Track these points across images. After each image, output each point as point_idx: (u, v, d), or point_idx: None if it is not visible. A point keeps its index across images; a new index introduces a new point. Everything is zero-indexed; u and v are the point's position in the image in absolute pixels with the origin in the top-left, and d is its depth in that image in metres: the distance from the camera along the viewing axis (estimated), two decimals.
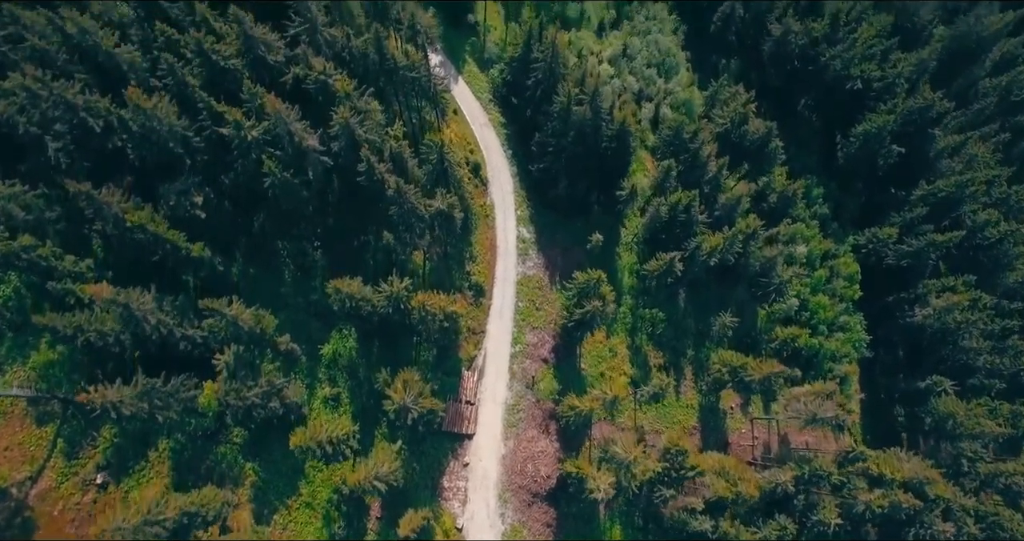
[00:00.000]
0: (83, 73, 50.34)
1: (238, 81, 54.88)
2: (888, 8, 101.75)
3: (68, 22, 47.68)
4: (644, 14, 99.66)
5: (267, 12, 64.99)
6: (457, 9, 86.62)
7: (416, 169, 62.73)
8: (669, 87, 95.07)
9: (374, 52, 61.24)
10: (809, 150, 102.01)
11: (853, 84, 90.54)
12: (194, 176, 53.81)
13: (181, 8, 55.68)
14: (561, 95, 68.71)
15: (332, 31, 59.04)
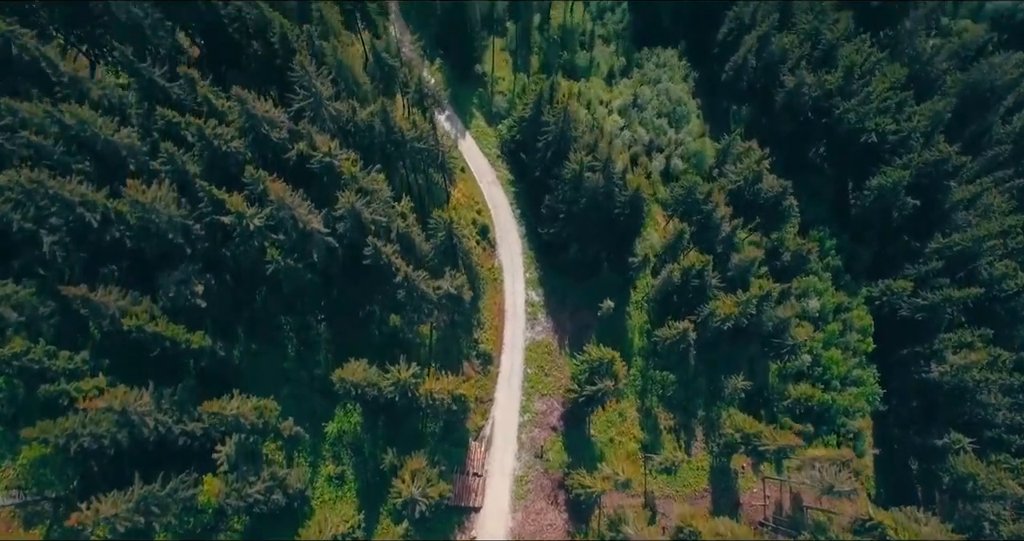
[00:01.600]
0: (81, 162, 48.38)
1: (240, 164, 53.03)
2: (900, 55, 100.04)
3: (66, 114, 45.76)
4: (654, 61, 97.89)
5: (270, 81, 63.82)
6: (464, 60, 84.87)
7: (424, 243, 60.82)
8: (680, 137, 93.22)
9: (380, 124, 59.43)
10: (821, 199, 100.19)
11: (868, 137, 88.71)
12: (194, 263, 51.80)
13: (182, 87, 53.79)
14: (573, 162, 66.83)
15: (337, 105, 57.20)
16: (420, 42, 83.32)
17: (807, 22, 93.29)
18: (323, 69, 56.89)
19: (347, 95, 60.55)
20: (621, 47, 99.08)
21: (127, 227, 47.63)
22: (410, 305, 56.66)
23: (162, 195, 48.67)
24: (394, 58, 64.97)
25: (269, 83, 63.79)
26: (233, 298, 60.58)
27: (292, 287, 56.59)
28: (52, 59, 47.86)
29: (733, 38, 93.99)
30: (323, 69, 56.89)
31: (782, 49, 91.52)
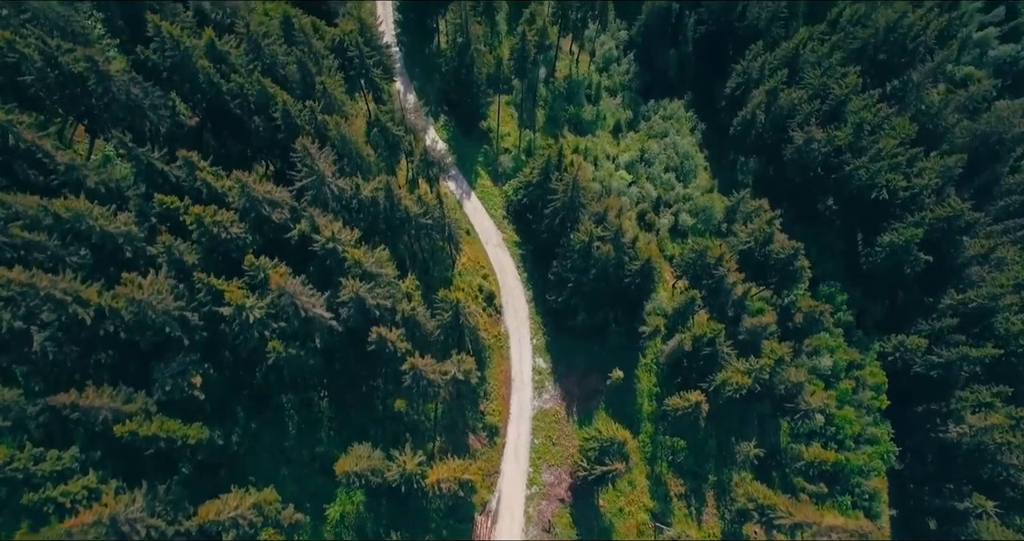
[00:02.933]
0: (75, 254, 46.59)
1: (241, 248, 51.31)
2: (907, 107, 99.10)
3: (61, 208, 44.07)
4: (661, 114, 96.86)
5: (272, 153, 62.43)
6: (469, 116, 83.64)
7: (429, 322, 58.87)
8: (688, 192, 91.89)
9: (384, 200, 57.83)
10: (831, 253, 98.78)
11: (878, 194, 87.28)
12: (191, 354, 49.76)
13: (181, 168, 52.21)
14: (582, 233, 65.25)
15: (340, 183, 55.58)
16: (425, 105, 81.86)
17: (815, 77, 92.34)
18: (326, 147, 55.33)
19: (350, 169, 58.98)
20: (627, 98, 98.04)
21: (121, 321, 45.63)
22: (416, 390, 54.51)
23: (159, 285, 46.84)
24: (398, 127, 63.54)
25: (271, 155, 62.43)
26: (232, 378, 58.45)
27: (293, 373, 54.47)
28: (48, 150, 46.25)
29: (741, 92, 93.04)
30: (326, 147, 55.33)
31: (790, 104, 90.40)
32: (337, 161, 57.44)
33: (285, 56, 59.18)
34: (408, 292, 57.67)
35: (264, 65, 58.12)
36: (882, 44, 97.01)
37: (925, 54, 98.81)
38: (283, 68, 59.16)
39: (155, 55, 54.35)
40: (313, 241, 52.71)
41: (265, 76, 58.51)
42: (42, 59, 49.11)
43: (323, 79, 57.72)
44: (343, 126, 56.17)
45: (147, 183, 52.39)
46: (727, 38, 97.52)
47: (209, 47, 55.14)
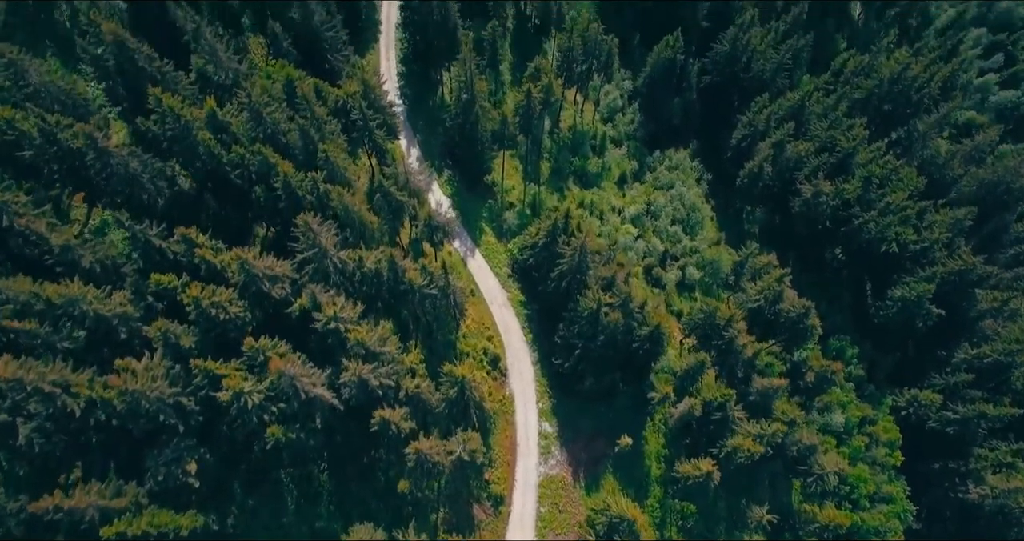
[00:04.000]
0: (67, 339, 44.79)
1: (239, 328, 49.62)
2: (913, 156, 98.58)
3: (54, 294, 42.44)
4: (666, 164, 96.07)
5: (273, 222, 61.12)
6: (474, 171, 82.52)
7: (433, 396, 56.90)
8: (695, 245, 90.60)
9: (388, 273, 56.32)
10: (840, 304, 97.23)
11: (888, 247, 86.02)
12: (187, 439, 47.69)
13: (179, 243, 50.75)
14: (590, 300, 63.63)
15: (342, 256, 54.10)
16: (428, 160, 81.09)
17: (821, 129, 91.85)
18: (328, 221, 53.96)
19: (353, 239, 57.57)
20: (632, 148, 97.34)
21: (113, 410, 43.66)
22: (420, 471, 52.35)
23: (154, 371, 45.00)
24: (401, 191, 62.34)
25: (272, 222, 61.10)
26: (229, 454, 56.17)
27: (292, 454, 52.35)
28: (42, 233, 44.79)
29: (747, 144, 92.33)
30: (328, 221, 53.96)
31: (797, 156, 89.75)
32: (340, 232, 56.03)
33: (287, 123, 58.17)
34: (412, 367, 55.82)
35: (266, 133, 57.02)
36: (887, 95, 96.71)
37: (930, 105, 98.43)
38: (285, 136, 58.11)
39: (155, 126, 53.27)
40: (314, 319, 51.01)
41: (267, 143, 57.45)
42: (41, 136, 47.97)
43: (325, 147, 56.63)
44: (346, 196, 54.91)
45: (144, 259, 50.82)
46: (732, 88, 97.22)
47: (210, 117, 54.13)
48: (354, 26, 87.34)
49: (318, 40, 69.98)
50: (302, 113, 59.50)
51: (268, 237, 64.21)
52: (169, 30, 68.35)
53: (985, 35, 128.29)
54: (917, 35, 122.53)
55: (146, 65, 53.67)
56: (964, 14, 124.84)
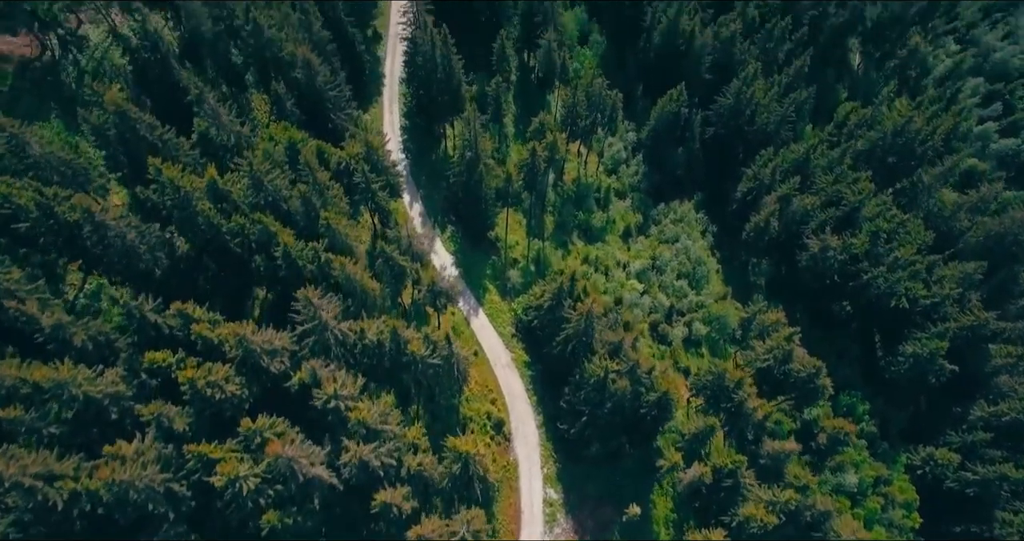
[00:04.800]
0: (53, 424, 42.91)
1: (236, 406, 47.76)
2: (918, 208, 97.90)
3: (42, 378, 40.70)
4: (671, 217, 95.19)
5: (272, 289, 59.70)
6: (477, 227, 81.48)
7: (435, 470, 54.65)
8: (701, 299, 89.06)
9: (390, 344, 54.69)
10: (849, 357, 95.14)
11: (898, 302, 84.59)
12: (177, 526, 45.39)
13: (175, 317, 49.21)
14: (596, 367, 61.87)
15: (343, 328, 52.51)
16: (431, 217, 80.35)
17: (827, 182, 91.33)
18: (328, 294, 52.58)
19: (355, 308, 56.06)
20: (637, 200, 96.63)
21: (99, 500, 41.49)
22: None
23: (144, 455, 42.99)
24: (404, 256, 61.09)
25: (272, 290, 59.72)
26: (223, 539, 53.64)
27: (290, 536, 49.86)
28: (33, 314, 43.28)
29: (753, 197, 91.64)
30: (328, 294, 52.58)
31: (804, 210, 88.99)
32: (341, 302, 54.58)
33: (288, 190, 57.24)
34: (414, 442, 53.74)
35: (267, 200, 56.04)
36: (890, 147, 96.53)
37: (934, 157, 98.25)
38: (286, 202, 57.13)
39: (155, 195, 52.29)
40: (314, 396, 49.19)
41: (268, 210, 56.46)
42: (38, 209, 46.93)
43: (327, 215, 55.52)
44: (348, 266, 53.61)
45: (139, 333, 49.21)
46: (736, 140, 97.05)
47: (211, 186, 53.16)
48: (358, 80, 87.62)
49: (321, 100, 69.64)
50: (304, 178, 58.62)
51: (268, 300, 62.73)
52: (173, 90, 68.32)
53: (982, 84, 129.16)
54: (916, 85, 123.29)
55: (147, 134, 52.98)
56: (961, 64, 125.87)
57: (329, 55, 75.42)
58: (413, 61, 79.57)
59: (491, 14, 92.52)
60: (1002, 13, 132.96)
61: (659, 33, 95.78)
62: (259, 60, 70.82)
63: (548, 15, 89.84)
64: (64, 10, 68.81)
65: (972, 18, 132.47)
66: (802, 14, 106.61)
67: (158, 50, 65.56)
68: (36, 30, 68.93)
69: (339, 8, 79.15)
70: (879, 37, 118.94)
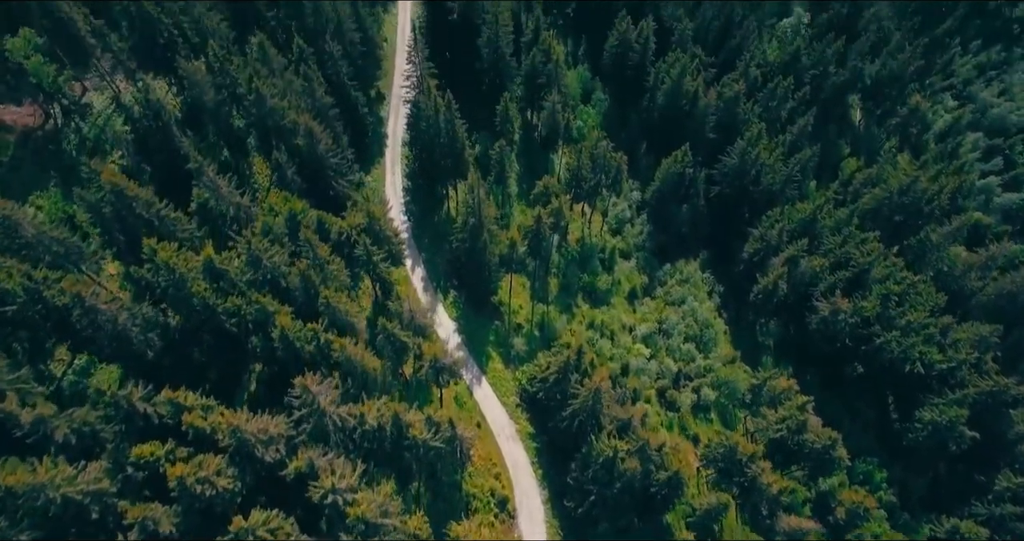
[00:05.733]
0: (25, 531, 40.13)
1: (228, 502, 45.04)
2: (927, 266, 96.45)
3: (16, 482, 38.16)
4: (677, 277, 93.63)
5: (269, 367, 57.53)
6: (480, 292, 79.67)
7: None
8: (709, 363, 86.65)
9: (391, 427, 52.21)
10: (864, 422, 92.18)
11: (913, 367, 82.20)
12: None
13: (165, 406, 46.91)
14: (605, 446, 59.27)
15: (342, 412, 50.14)
16: (433, 281, 78.87)
17: (834, 243, 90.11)
18: (328, 379, 50.40)
19: (355, 390, 53.81)
20: (642, 260, 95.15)
21: None
22: None
23: None
24: (406, 331, 59.12)
25: (268, 365, 57.55)
26: None
27: None
28: (11, 412, 41.02)
29: (760, 258, 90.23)
30: (328, 379, 50.40)
31: (812, 271, 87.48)
32: (340, 383, 52.36)
33: (287, 266, 55.68)
34: (415, 533, 50.70)
35: (265, 277, 54.42)
36: (897, 206, 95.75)
37: (941, 215, 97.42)
38: (285, 278, 55.46)
39: (149, 274, 50.62)
40: (311, 489, 46.47)
41: (266, 286, 54.84)
42: (26, 294, 45.19)
43: (326, 293, 53.80)
44: (348, 347, 51.61)
45: (126, 423, 46.83)
46: (742, 199, 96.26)
47: (207, 265, 51.56)
48: (360, 142, 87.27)
49: (323, 167, 68.84)
50: (304, 251, 57.10)
51: (263, 378, 60.50)
52: (174, 156, 67.60)
53: (982, 139, 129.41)
54: (918, 140, 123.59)
55: (143, 211, 51.73)
56: (960, 119, 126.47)
57: (331, 120, 75.11)
58: (416, 125, 79.21)
59: (494, 75, 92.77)
60: (996, 71, 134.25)
61: (663, 93, 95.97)
62: (261, 126, 70.25)
63: (552, 77, 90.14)
64: (69, 80, 68.56)
65: (967, 75, 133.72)
66: (803, 73, 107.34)
67: (160, 118, 65.06)
68: (40, 100, 68.55)
69: (342, 73, 79.19)
70: (879, 94, 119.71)
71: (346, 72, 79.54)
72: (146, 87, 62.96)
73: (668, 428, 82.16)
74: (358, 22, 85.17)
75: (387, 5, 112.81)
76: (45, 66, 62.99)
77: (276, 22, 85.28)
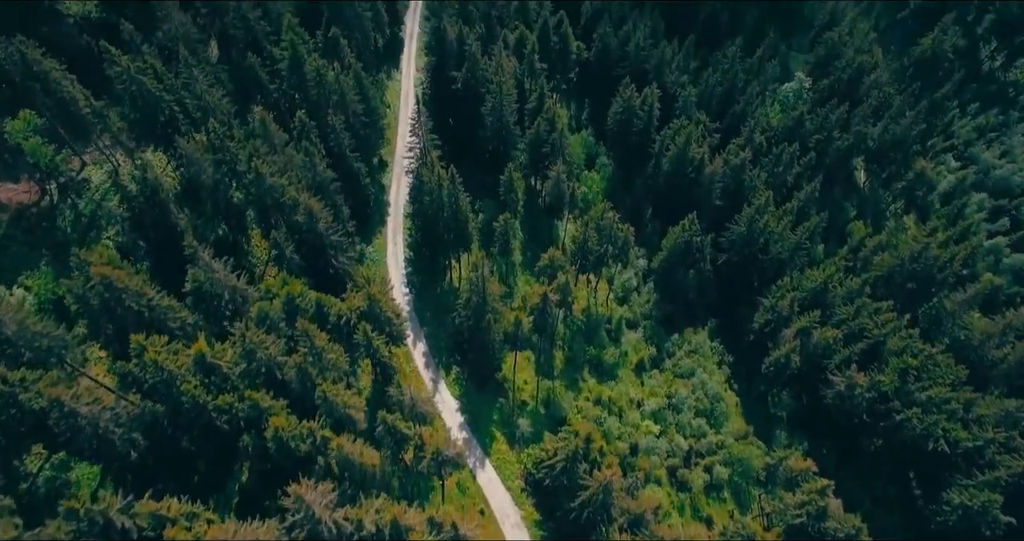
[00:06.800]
0: None
1: None
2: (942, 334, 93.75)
3: None
4: (685, 348, 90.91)
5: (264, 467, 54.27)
6: (483, 368, 76.70)
7: None
8: (721, 439, 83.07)
9: (390, 530, 48.57)
10: (887, 500, 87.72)
11: (937, 445, 78.49)
12: None
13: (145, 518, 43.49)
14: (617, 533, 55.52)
15: (338, 518, 46.59)
16: (435, 357, 76.29)
17: (847, 312, 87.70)
18: (324, 481, 47.17)
19: (352, 490, 50.41)
20: (649, 330, 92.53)
21: None
22: None
23: None
24: (407, 423, 56.05)
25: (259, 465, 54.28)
26: None
27: None
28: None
29: (771, 330, 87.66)
30: (324, 481, 47.17)
31: (825, 343, 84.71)
32: (336, 484, 49.03)
33: (284, 356, 53.08)
34: None
35: (259, 371, 51.76)
36: (909, 274, 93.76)
37: (955, 283, 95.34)
38: (280, 371, 52.76)
39: (136, 369, 47.97)
40: None
41: (260, 378, 52.10)
42: (0, 398, 42.38)
43: (324, 388, 51.03)
44: (346, 446, 48.57)
45: (103, 534, 43.26)
46: (750, 267, 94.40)
47: (198, 359, 48.97)
48: (362, 212, 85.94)
49: (323, 245, 67.00)
50: (302, 342, 54.51)
51: (254, 474, 57.09)
52: (171, 232, 65.97)
53: (987, 199, 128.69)
54: (923, 201, 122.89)
55: (134, 303, 49.37)
56: (964, 180, 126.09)
57: (332, 193, 73.83)
58: (419, 198, 77.83)
59: (498, 142, 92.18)
60: (995, 133, 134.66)
61: (668, 160, 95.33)
62: (260, 203, 68.80)
63: (556, 146, 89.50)
64: (67, 157, 67.57)
65: (968, 136, 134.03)
66: (807, 138, 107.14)
67: (157, 195, 63.60)
68: (37, 177, 67.37)
69: (344, 144, 78.39)
70: (882, 157, 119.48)
71: (348, 144, 78.73)
72: (144, 165, 61.56)
73: (680, 510, 78.28)
74: (361, 92, 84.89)
75: (390, 71, 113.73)
76: (43, 147, 62.04)
77: (279, 94, 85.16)
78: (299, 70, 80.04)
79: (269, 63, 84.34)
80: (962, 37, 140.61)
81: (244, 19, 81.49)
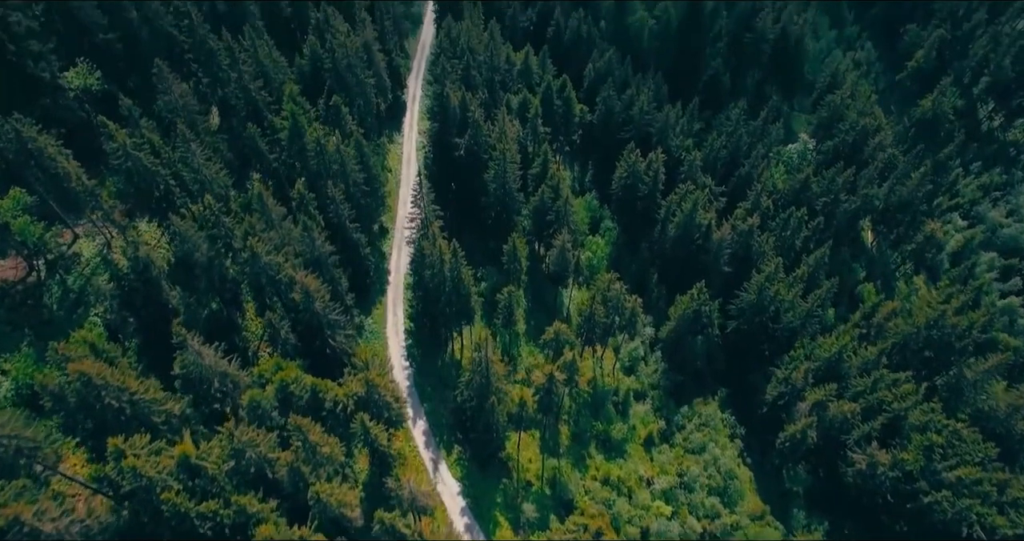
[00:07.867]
0: None
1: None
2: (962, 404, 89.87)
3: None
4: (695, 421, 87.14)
5: None
6: (487, 449, 72.80)
7: None
8: (736, 519, 78.47)
9: None
10: None
11: (971, 532, 73.83)
12: None
13: None
14: None
15: None
16: (436, 436, 72.67)
17: (864, 385, 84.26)
18: None
19: None
20: (657, 401, 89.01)
21: None
22: None
23: None
24: (406, 521, 52.04)
25: None
26: None
27: None
28: None
29: (784, 402, 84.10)
30: None
31: (843, 416, 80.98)
32: None
33: (275, 452, 49.63)
34: None
35: (249, 471, 48.23)
36: (926, 342, 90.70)
37: (975, 354, 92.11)
38: (272, 469, 49.23)
39: (114, 473, 44.48)
40: None
41: (249, 476, 48.44)
42: None
43: (317, 489, 47.39)
44: None
45: None
46: (761, 336, 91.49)
47: (182, 461, 45.54)
48: (361, 282, 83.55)
49: (320, 325, 64.24)
50: (294, 435, 51.11)
51: None
52: (162, 309, 63.45)
53: (997, 258, 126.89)
54: (933, 261, 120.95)
55: (114, 400, 46.25)
56: (972, 239, 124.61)
57: (331, 267, 71.55)
58: (420, 271, 75.51)
59: (501, 208, 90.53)
60: (1000, 191, 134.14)
61: (674, 226, 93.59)
62: (255, 280, 66.42)
63: (561, 214, 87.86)
64: (57, 235, 65.63)
65: (973, 195, 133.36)
66: (814, 201, 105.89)
67: (148, 272, 61.32)
68: (25, 254, 65.19)
69: (344, 216, 76.59)
70: (889, 218, 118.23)
71: (348, 214, 76.91)
72: (135, 243, 59.44)
73: None
74: (362, 161, 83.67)
75: (392, 134, 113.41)
76: (32, 225, 59.93)
77: (279, 163, 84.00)
78: (299, 140, 78.93)
79: (270, 132, 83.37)
80: (960, 97, 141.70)
81: (245, 90, 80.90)
